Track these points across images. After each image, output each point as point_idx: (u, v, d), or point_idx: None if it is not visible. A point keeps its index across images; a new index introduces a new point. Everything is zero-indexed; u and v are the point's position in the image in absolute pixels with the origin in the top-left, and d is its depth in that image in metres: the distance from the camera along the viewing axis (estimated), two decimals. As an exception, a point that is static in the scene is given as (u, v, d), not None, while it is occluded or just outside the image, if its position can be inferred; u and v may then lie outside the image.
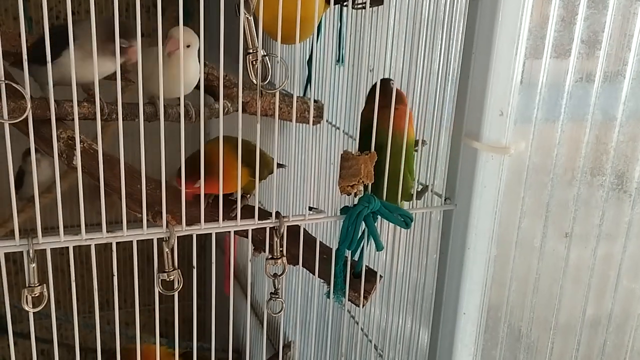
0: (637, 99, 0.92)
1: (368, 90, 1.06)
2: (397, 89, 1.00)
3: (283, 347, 1.71)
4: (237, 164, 0.92)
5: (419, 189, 1.06)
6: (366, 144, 0.99)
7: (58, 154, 1.05)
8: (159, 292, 0.91)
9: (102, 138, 1.74)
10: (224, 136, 0.93)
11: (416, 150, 1.05)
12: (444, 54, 1.01)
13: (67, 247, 0.84)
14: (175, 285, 0.91)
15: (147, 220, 0.93)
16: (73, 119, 0.90)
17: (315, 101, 1.43)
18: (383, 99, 0.97)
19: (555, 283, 1.01)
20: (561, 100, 0.94)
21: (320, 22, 1.29)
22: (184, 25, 0.94)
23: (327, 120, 1.32)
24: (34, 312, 0.84)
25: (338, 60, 1.34)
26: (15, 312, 0.95)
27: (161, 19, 0.85)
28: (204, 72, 1.27)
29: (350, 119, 1.24)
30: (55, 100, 1.07)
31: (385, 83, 0.99)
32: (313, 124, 1.34)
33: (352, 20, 1.26)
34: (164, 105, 1.13)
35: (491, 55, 0.92)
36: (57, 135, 1.03)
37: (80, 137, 1.03)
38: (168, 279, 0.90)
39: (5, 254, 0.81)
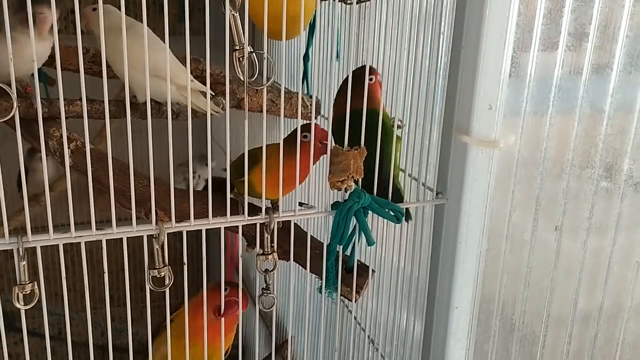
0: (625, 91, 0.92)
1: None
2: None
3: (283, 343, 1.72)
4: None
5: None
6: (341, 135, 0.98)
7: (52, 152, 1.06)
8: (150, 289, 0.92)
9: (102, 136, 1.75)
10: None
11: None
12: (434, 48, 1.01)
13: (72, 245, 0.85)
14: (166, 282, 0.92)
15: (140, 217, 0.94)
16: (67, 118, 0.91)
17: (310, 96, 1.43)
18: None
19: (547, 276, 1.01)
20: (549, 93, 0.94)
21: (314, 17, 1.29)
22: (179, 22, 0.94)
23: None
24: (37, 309, 0.85)
25: (337, 57, 1.34)
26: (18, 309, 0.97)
27: (158, 17, 0.86)
28: (198, 69, 1.27)
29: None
30: (48, 99, 1.08)
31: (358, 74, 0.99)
32: (308, 120, 1.34)
33: (345, 16, 1.26)
34: (159, 102, 1.14)
35: (480, 48, 0.92)
36: (50, 134, 1.05)
37: (72, 135, 1.04)
38: (159, 276, 0.91)
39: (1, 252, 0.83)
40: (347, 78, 0.99)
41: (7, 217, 0.80)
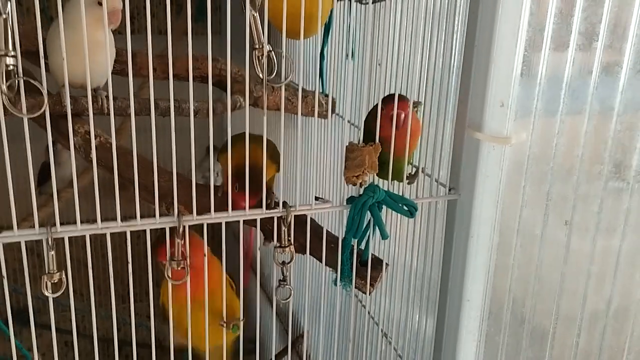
0: (634, 89, 0.94)
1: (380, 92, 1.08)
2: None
3: (297, 338, 1.75)
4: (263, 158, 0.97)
5: (412, 172, 1.08)
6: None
7: (76, 148, 1.10)
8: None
9: (121, 133, 1.78)
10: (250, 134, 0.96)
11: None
12: (447, 47, 1.03)
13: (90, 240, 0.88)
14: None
15: (162, 212, 0.97)
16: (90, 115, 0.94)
17: (325, 95, 1.46)
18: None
19: (557, 270, 1.03)
20: (560, 91, 0.96)
21: (331, 16, 1.32)
22: (195, 23, 0.96)
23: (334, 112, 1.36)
24: (56, 305, 0.89)
25: (348, 55, 1.37)
26: (39, 304, 1.00)
27: (176, 17, 0.89)
28: (216, 68, 1.30)
29: (356, 110, 1.27)
30: (72, 96, 1.12)
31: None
32: (324, 118, 1.37)
33: (361, 15, 1.29)
34: (178, 99, 1.17)
35: (492, 47, 0.94)
36: (74, 130, 1.09)
37: (96, 131, 1.07)
38: (179, 268, 0.94)
39: (28, 247, 0.86)
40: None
41: (26, 212, 0.82)
